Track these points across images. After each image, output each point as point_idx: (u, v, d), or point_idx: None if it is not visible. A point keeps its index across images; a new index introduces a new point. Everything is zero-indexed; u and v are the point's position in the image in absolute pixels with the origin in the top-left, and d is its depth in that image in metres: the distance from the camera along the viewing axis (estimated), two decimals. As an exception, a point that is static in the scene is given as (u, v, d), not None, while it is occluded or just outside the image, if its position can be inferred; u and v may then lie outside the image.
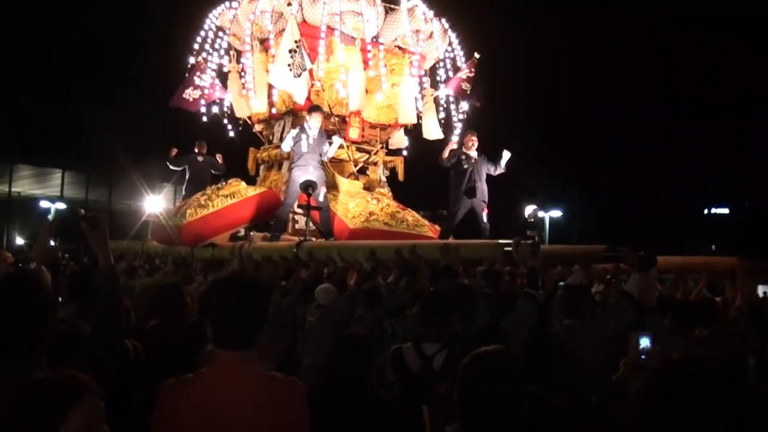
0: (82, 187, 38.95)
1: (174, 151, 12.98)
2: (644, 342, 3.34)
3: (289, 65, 10.32)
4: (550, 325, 5.00)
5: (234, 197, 10.76)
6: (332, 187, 10.89)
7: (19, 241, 32.80)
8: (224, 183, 11.25)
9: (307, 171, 9.72)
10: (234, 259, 9.73)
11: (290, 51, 10.43)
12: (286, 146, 9.95)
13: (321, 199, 9.80)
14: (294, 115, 11.65)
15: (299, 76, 10.43)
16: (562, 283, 6.42)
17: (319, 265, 8.03)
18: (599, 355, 4.37)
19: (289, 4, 10.64)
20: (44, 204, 34.05)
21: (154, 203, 13.93)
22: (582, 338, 4.75)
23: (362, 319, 5.76)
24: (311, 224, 9.80)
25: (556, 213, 27.80)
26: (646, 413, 2.46)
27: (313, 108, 10.10)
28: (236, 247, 10.04)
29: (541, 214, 27.08)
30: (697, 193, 34.99)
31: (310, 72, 10.84)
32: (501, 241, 6.35)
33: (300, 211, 10.50)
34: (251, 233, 10.42)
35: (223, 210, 10.61)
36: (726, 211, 38.31)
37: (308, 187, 9.31)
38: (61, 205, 33.47)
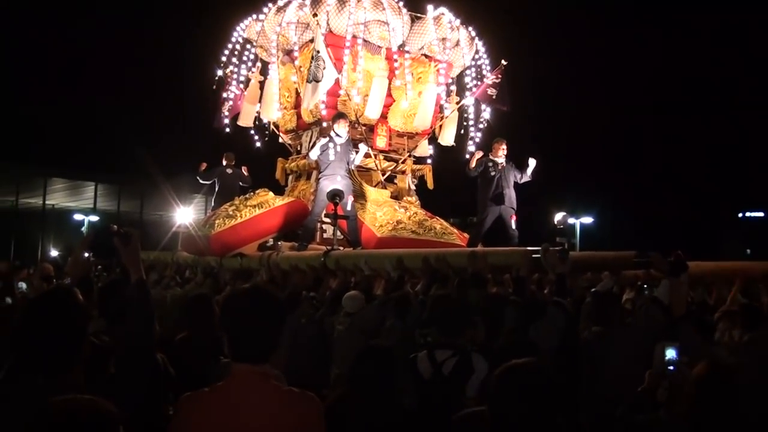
0: (114, 198, 39.57)
1: (203, 165, 13.15)
2: (670, 353, 3.28)
3: (308, 71, 10.43)
4: (577, 333, 4.95)
5: (262, 207, 10.83)
6: (360, 195, 10.89)
7: (54, 252, 33.45)
8: (252, 193, 11.32)
9: (334, 180, 9.74)
10: (262, 269, 9.78)
11: (311, 59, 10.51)
12: (314, 155, 9.98)
13: (348, 208, 9.80)
14: (321, 125, 11.69)
15: (316, 83, 10.48)
16: (591, 290, 6.38)
17: (346, 274, 8.07)
18: (628, 364, 4.30)
19: (315, 15, 10.69)
20: (78, 216, 34.76)
21: (184, 214, 14.07)
22: (611, 346, 4.70)
23: (393, 329, 5.73)
24: (339, 233, 9.83)
25: (588, 219, 27.54)
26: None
27: (338, 115, 10.13)
28: (264, 257, 10.08)
29: (571, 220, 26.87)
30: (731, 196, 34.45)
31: (337, 82, 10.89)
32: (529, 248, 6.28)
33: (328, 220, 10.54)
34: (279, 243, 10.45)
35: (251, 220, 10.68)
36: (761, 214, 37.71)
37: (335, 196, 9.33)
38: (94, 218, 34.13)
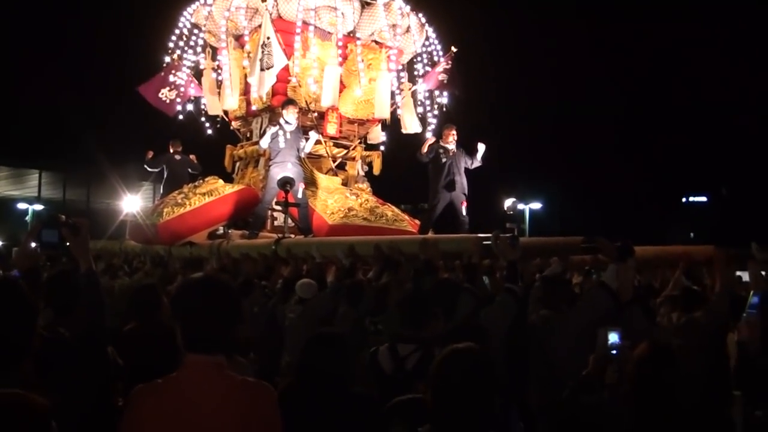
0: (59, 187, 38.64)
1: (150, 154, 12.93)
2: (613, 337, 3.36)
3: (260, 60, 10.27)
4: (526, 317, 5.02)
5: (211, 195, 10.73)
6: (311, 183, 10.86)
7: (-2, 242, 32.52)
8: (201, 181, 11.20)
9: (285, 167, 9.70)
10: (212, 258, 9.68)
11: (261, 45, 10.37)
12: (264, 143, 9.92)
13: (299, 195, 9.77)
14: (271, 112, 11.59)
15: (266, 70, 10.36)
16: (539, 275, 6.46)
17: (297, 262, 8.04)
18: (576, 346, 4.34)
19: (264, 0, 10.57)
20: (22, 205, 33.78)
21: (132, 203, 13.82)
22: (558, 329, 4.76)
23: (346, 316, 5.73)
24: (290, 221, 9.78)
25: (536, 205, 27.88)
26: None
27: (288, 102, 10.08)
28: (214, 245, 10.00)
29: (520, 206, 27.18)
30: (675, 181, 35.19)
31: (287, 68, 10.80)
32: (480, 234, 6.35)
33: (278, 208, 10.47)
34: (229, 231, 10.37)
35: (201, 208, 10.59)
36: (704, 199, 38.53)
37: (286, 183, 9.29)
38: (39, 207, 33.21)
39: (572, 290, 6.43)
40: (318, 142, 11.42)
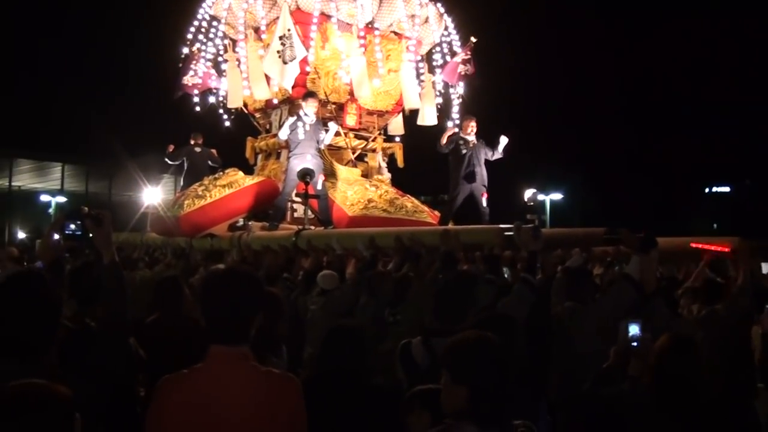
0: (82, 179, 39.02)
1: (171, 147, 12.93)
2: (633, 329, 3.32)
3: (278, 52, 10.23)
4: (548, 309, 4.97)
5: (231, 187, 10.73)
6: (330, 174, 10.86)
7: (21, 235, 32.98)
8: (222, 173, 11.21)
9: (304, 159, 9.69)
10: (233, 250, 9.72)
11: (281, 38, 10.33)
12: (283, 134, 9.91)
13: (319, 187, 9.77)
14: (291, 104, 11.59)
15: (288, 63, 10.33)
16: (561, 267, 6.41)
17: (318, 254, 8.04)
18: (599, 338, 4.29)
19: (282, -11, 10.55)
20: (44, 198, 34.21)
21: (153, 195, 13.90)
22: (583, 320, 4.73)
23: (365, 308, 5.72)
24: (309, 213, 9.78)
25: (557, 196, 27.68)
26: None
27: (308, 94, 10.06)
28: (235, 237, 10.02)
29: (541, 197, 26.99)
30: (698, 172, 34.78)
31: (305, 59, 10.78)
32: (502, 225, 6.31)
33: (298, 199, 10.48)
34: (249, 223, 10.39)
35: (221, 200, 10.59)
36: (727, 189, 38.09)
37: (306, 175, 9.29)
38: (62, 199, 33.61)
39: (594, 282, 6.39)
40: (337, 133, 11.40)
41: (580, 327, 4.73)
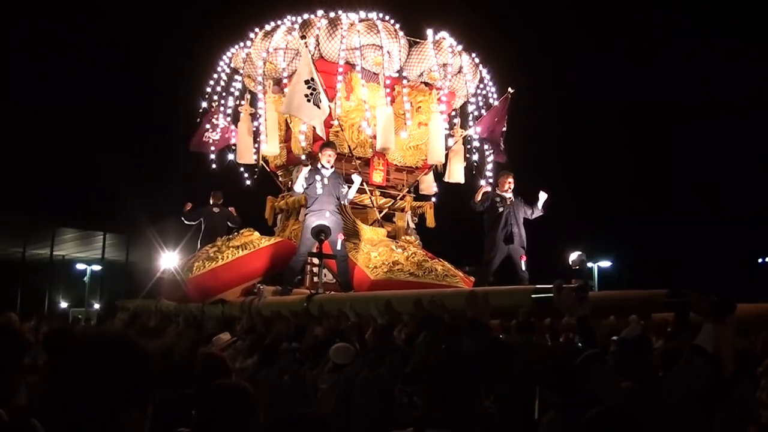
0: (123, 249, 39.02)
1: (188, 206, 12.32)
2: None
3: (306, 96, 9.41)
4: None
5: (246, 248, 9.92)
6: (353, 234, 9.93)
7: (64, 304, 32.92)
8: (236, 234, 10.41)
9: (322, 216, 8.81)
10: (244, 316, 8.88)
11: (306, 82, 9.47)
12: (298, 187, 9.08)
13: (338, 247, 8.85)
14: (312, 159, 10.76)
15: (319, 107, 9.51)
16: (615, 338, 5.37)
17: (332, 321, 7.12)
18: (667, 427, 3.52)
19: (303, 37, 9.83)
20: (80, 266, 34.25)
21: (170, 259, 13.13)
22: (645, 405, 3.72)
23: (365, 384, 4.70)
24: (326, 275, 8.92)
25: (606, 263, 26.29)
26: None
27: (325, 145, 9.26)
28: (246, 303, 9.16)
29: (589, 264, 25.66)
30: (749, 242, 33.20)
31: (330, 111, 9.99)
32: (539, 285, 5.25)
33: (316, 261, 9.61)
34: (261, 287, 9.48)
35: (234, 262, 9.77)
36: None
37: (320, 233, 8.38)
38: (97, 267, 33.62)
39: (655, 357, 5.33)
40: (363, 191, 10.54)
41: (642, 412, 3.70)
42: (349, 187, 9.23)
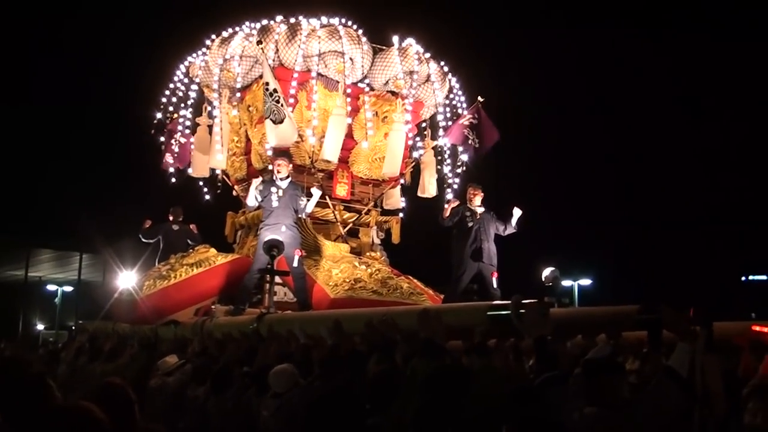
0: (99, 269, 38.38)
1: (148, 223, 11.80)
2: None
3: (268, 109, 8.91)
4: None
5: (201, 266, 9.36)
6: (313, 250, 9.38)
7: (40, 326, 32.29)
8: (191, 251, 9.85)
9: (277, 230, 8.27)
10: (195, 338, 8.32)
11: (271, 93, 8.98)
12: (251, 201, 8.57)
13: (295, 264, 8.30)
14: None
15: (280, 122, 9.01)
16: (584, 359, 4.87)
17: (281, 343, 6.61)
18: None
19: (259, 43, 9.33)
20: (51, 287, 33.68)
21: (128, 279, 12.54)
22: (611, 432, 3.39)
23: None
24: (285, 294, 8.39)
25: (586, 281, 25.85)
26: None
27: (279, 154, 8.75)
28: (198, 324, 8.58)
29: (568, 282, 25.13)
30: (734, 260, 32.95)
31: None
32: (496, 302, 4.73)
33: (278, 279, 9.08)
34: (213, 307, 8.92)
35: (187, 281, 9.22)
36: (765, 278, 36.57)
37: (272, 248, 7.83)
38: (68, 288, 32.99)
39: (627, 380, 4.85)
40: (326, 205, 10.02)
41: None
42: (308, 200, 8.70)
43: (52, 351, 12.27)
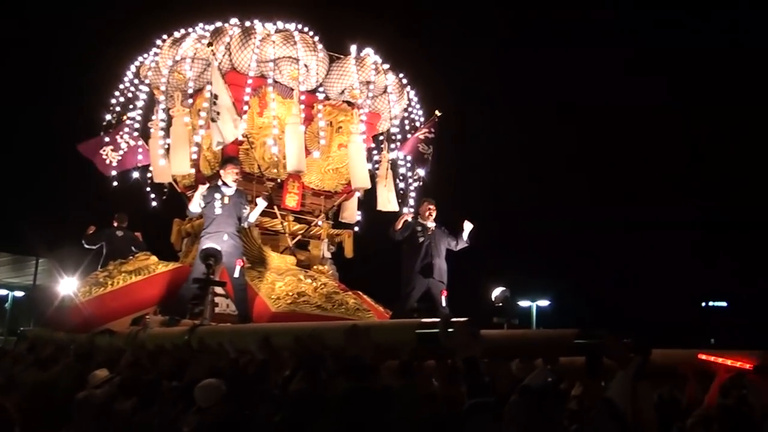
0: (55, 274, 37.62)
1: (91, 228, 11.42)
2: None
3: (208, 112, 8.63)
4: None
5: (140, 274, 9.00)
6: (258, 261, 9.05)
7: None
8: (131, 258, 9.46)
9: (219, 239, 7.96)
10: (128, 349, 7.94)
11: (211, 98, 8.73)
12: (194, 207, 8.25)
13: (236, 274, 7.98)
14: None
15: (215, 120, 8.71)
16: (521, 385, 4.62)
17: (210, 357, 6.31)
18: None
19: (210, 45, 9.02)
20: (2, 291, 32.89)
21: (70, 286, 12.09)
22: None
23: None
24: (228, 305, 8.07)
25: (544, 302, 25.69)
26: None
27: (226, 160, 8.45)
28: (132, 334, 8.19)
29: (526, 303, 24.95)
30: (693, 287, 33.16)
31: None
32: (425, 320, 4.46)
33: (222, 291, 8.74)
34: (147, 317, 8.55)
35: (125, 289, 8.86)
36: (724, 304, 36.94)
37: (208, 257, 7.49)
38: (19, 293, 32.21)
39: (568, 408, 4.64)
40: (273, 215, 9.73)
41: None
42: (252, 209, 8.39)
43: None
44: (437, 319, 4.19)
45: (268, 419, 4.31)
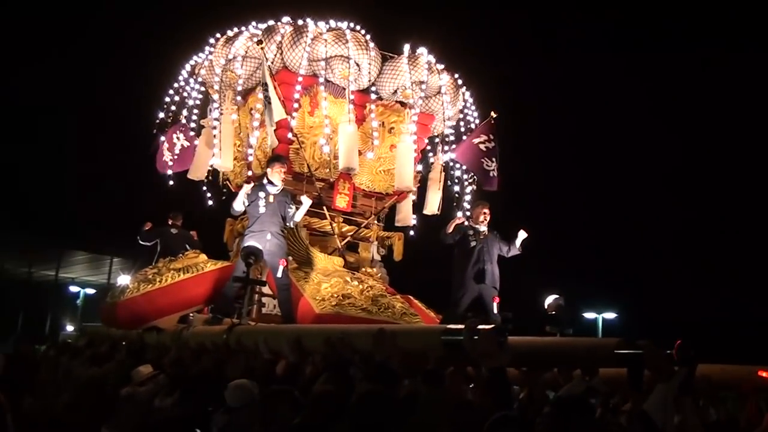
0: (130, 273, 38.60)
1: (148, 225, 11.53)
2: None
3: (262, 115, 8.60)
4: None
5: (188, 271, 9.00)
6: (305, 262, 8.92)
7: (70, 327, 32.56)
8: (181, 255, 9.49)
9: (262, 238, 7.89)
10: (173, 347, 7.95)
11: (265, 98, 8.71)
12: (238, 205, 8.20)
13: (279, 274, 7.87)
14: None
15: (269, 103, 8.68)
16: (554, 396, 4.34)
17: (247, 357, 6.23)
18: None
19: (260, 43, 8.96)
20: (73, 288, 33.85)
21: (124, 282, 12.26)
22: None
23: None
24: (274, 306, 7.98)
25: (610, 315, 24.80)
26: None
27: (274, 158, 8.37)
28: (177, 332, 8.21)
29: (593, 315, 24.18)
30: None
31: (287, 126, 9.08)
32: (451, 326, 4.22)
33: (269, 291, 8.66)
34: (191, 315, 8.53)
35: (173, 286, 8.86)
36: None
37: (249, 255, 7.41)
38: (91, 290, 33.11)
39: (617, 423, 4.37)
40: (323, 216, 9.61)
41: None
42: (297, 209, 8.28)
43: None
44: (462, 326, 3.93)
45: (288, 420, 4.16)
